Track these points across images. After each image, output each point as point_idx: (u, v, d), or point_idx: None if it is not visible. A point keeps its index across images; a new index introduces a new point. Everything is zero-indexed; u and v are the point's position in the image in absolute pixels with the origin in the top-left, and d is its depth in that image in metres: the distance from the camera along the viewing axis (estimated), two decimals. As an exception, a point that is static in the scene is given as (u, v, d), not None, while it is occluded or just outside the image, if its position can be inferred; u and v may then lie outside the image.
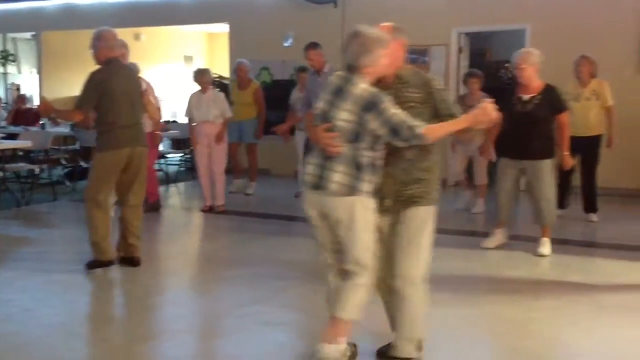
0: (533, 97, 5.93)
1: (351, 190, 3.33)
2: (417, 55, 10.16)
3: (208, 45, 16.82)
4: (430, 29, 9.93)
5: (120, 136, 5.38)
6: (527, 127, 5.88)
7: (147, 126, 5.94)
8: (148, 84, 5.92)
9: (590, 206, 7.60)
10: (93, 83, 5.30)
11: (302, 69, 8.65)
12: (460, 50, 10.09)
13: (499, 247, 6.33)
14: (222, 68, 13.17)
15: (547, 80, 7.58)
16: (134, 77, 5.73)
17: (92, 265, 5.50)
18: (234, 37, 11.73)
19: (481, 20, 9.80)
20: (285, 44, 10.84)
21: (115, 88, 5.33)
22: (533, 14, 9.40)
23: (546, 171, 5.95)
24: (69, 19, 12.89)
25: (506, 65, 12.11)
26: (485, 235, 6.51)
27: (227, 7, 11.62)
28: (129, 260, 5.63)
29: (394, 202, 3.46)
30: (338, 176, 3.33)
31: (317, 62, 7.03)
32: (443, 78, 9.92)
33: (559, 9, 9.24)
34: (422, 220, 3.46)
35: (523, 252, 6.22)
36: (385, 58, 3.31)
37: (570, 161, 6.19)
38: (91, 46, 5.44)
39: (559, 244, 6.43)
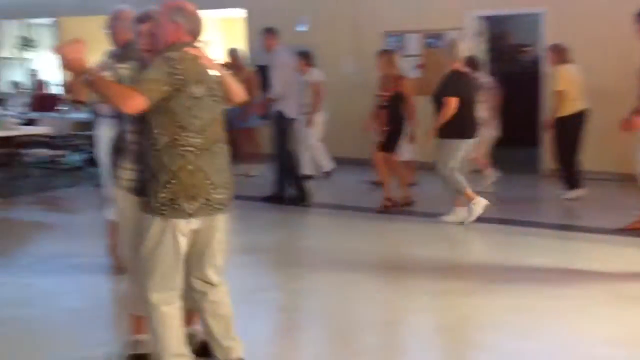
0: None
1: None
2: (432, 39, 10.09)
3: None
4: (445, 13, 9.82)
5: None
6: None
7: None
8: None
9: None
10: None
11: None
12: (478, 34, 9.93)
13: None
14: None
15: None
16: None
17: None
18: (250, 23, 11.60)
19: (497, 3, 9.67)
20: (302, 29, 10.69)
21: None
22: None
23: (443, 149, 6.47)
24: (85, 5, 12.95)
25: (525, 49, 11.99)
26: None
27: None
28: None
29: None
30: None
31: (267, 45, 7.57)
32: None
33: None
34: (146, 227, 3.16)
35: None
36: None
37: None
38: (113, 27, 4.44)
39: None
